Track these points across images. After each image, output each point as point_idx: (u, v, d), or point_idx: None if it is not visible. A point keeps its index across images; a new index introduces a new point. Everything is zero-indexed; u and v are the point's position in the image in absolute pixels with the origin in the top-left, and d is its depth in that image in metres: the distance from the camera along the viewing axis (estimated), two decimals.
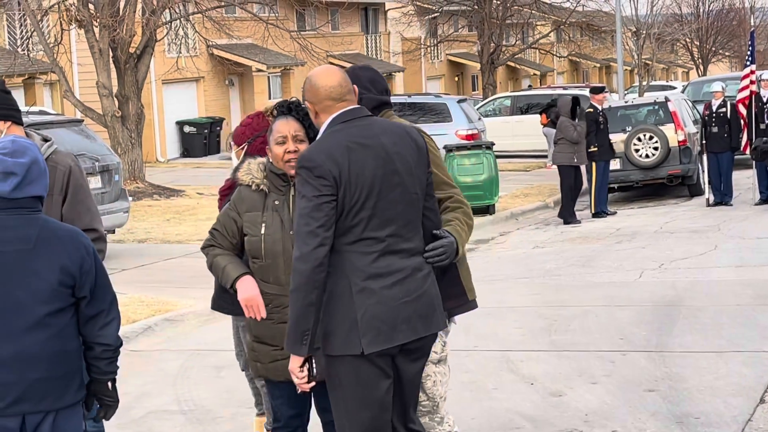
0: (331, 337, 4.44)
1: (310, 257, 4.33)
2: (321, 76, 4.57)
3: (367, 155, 4.44)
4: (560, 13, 45.24)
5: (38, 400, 4.23)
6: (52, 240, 4.24)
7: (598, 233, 16.33)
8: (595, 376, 7.95)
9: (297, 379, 4.48)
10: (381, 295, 4.42)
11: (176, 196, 22.67)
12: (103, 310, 4.33)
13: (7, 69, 25.34)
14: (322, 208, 4.35)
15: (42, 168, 4.32)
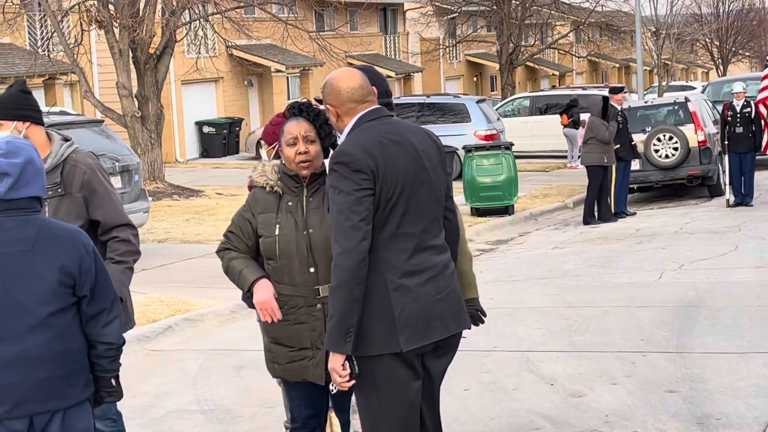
0: (369, 336, 4.39)
1: (354, 252, 4.30)
2: (342, 78, 4.57)
3: (399, 151, 4.46)
4: (579, 13, 45.17)
5: (44, 400, 4.23)
6: (50, 240, 4.24)
7: (617, 234, 16.29)
8: (615, 376, 7.92)
9: (339, 378, 4.41)
10: (416, 293, 4.42)
11: (195, 196, 22.72)
12: (104, 308, 4.34)
13: (28, 69, 25.42)
14: (362, 202, 4.34)
15: (37, 168, 4.31)
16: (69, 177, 5.48)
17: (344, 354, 4.37)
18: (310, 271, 5.00)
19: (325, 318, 4.99)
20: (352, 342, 4.35)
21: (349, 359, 4.39)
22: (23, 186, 4.25)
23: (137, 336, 9.77)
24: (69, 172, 5.49)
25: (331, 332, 4.37)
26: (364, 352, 4.40)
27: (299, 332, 5.06)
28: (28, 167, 4.26)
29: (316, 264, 5.00)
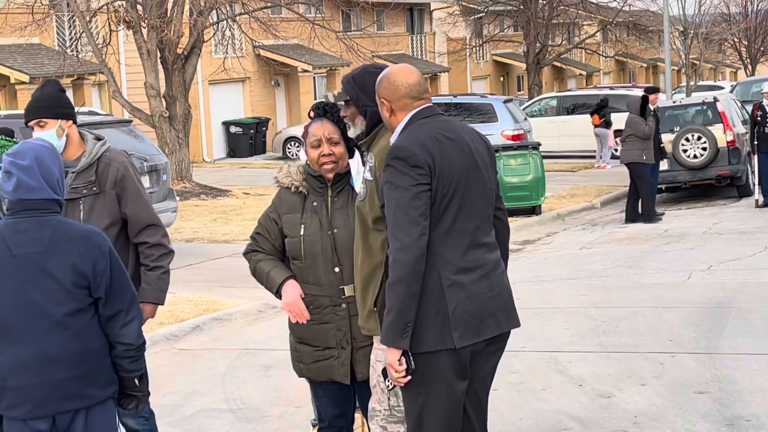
0: (422, 333, 4.37)
1: (414, 247, 4.30)
2: (401, 74, 4.58)
3: (454, 148, 4.47)
4: (607, 13, 45.00)
5: (64, 400, 4.27)
6: (64, 241, 4.26)
7: (645, 234, 16.22)
8: (644, 377, 7.90)
9: (395, 373, 4.39)
10: (470, 290, 4.42)
11: (223, 196, 22.78)
12: (121, 310, 4.35)
13: (57, 70, 25.55)
14: (420, 197, 4.34)
15: (50, 169, 4.31)
16: (103, 175, 5.55)
17: (401, 349, 4.35)
18: (335, 270, 5.01)
19: (350, 317, 5.01)
20: (409, 337, 4.34)
21: (405, 355, 4.37)
22: (35, 188, 4.27)
23: (166, 335, 9.82)
24: (103, 171, 5.56)
25: (389, 327, 4.34)
26: (417, 349, 4.39)
27: (324, 332, 5.08)
28: (36, 168, 4.28)
29: (341, 264, 5.02)
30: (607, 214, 19.79)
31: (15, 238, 4.26)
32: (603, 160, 28.02)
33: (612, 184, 23.38)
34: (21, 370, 4.25)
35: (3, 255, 4.26)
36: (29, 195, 4.27)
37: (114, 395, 4.44)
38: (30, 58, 27.94)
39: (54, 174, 4.33)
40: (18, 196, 4.28)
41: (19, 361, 4.25)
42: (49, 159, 4.32)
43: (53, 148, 4.41)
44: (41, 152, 4.33)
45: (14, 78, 27.08)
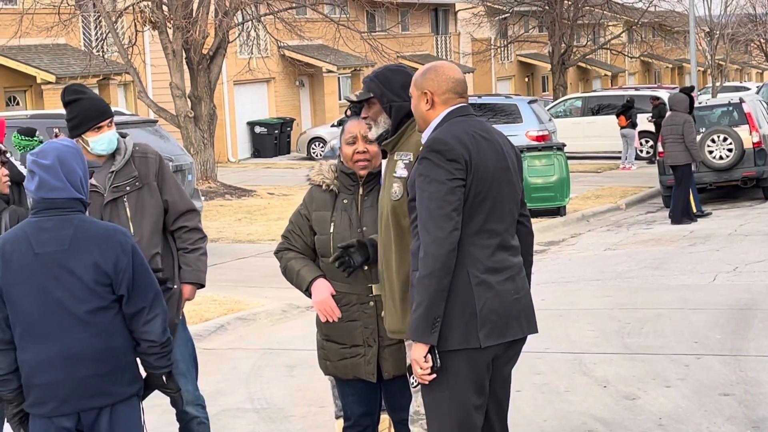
0: (449, 330, 4.34)
1: (446, 241, 4.27)
2: (449, 68, 4.60)
3: (489, 148, 4.46)
4: (632, 14, 44.89)
5: (88, 396, 4.30)
6: (85, 239, 4.30)
7: (671, 236, 16.16)
8: (669, 379, 7.87)
9: (420, 369, 4.35)
10: (497, 290, 4.40)
11: (247, 196, 22.84)
12: (144, 307, 4.36)
13: (83, 70, 25.68)
14: (455, 192, 4.32)
15: (73, 169, 4.34)
16: (142, 168, 5.62)
17: (428, 344, 4.31)
18: (363, 268, 5.01)
19: (377, 315, 5.01)
20: (437, 332, 4.30)
21: (432, 351, 4.33)
22: (58, 187, 4.31)
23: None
24: (141, 164, 5.63)
25: (418, 321, 4.30)
26: (442, 347, 4.35)
27: (352, 329, 5.08)
28: (59, 168, 4.31)
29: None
30: (632, 215, 19.72)
31: (38, 236, 4.30)
32: (628, 161, 27.92)
33: (637, 185, 23.31)
34: (46, 367, 4.29)
35: (26, 254, 4.29)
36: (51, 194, 4.31)
37: (139, 392, 4.46)
38: (56, 59, 28.09)
39: (77, 173, 4.36)
40: (41, 195, 4.32)
41: (44, 358, 4.29)
42: (72, 159, 4.36)
43: (77, 149, 4.45)
44: (64, 152, 4.36)
45: (41, 78, 27.22)
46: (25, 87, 28.36)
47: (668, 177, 18.75)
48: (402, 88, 4.77)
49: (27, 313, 4.30)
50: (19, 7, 24.46)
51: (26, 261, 4.29)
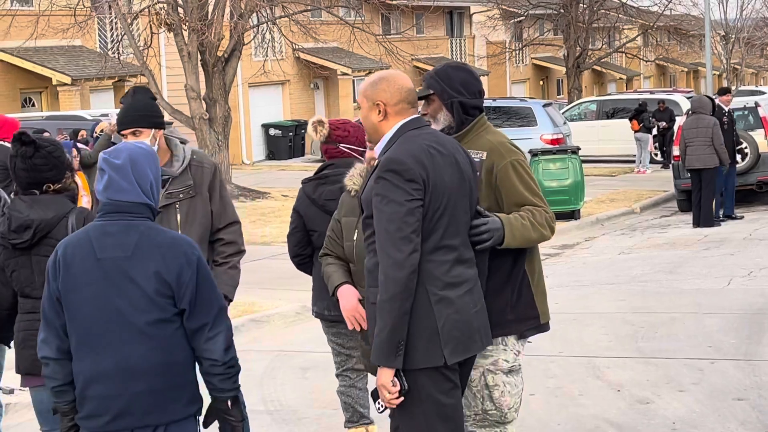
0: (412, 350, 4.29)
1: (406, 264, 4.21)
2: (401, 78, 4.51)
3: (444, 162, 4.39)
4: (647, 17, 44.76)
5: (143, 414, 4.10)
6: (150, 247, 4.10)
7: (685, 240, 16.12)
8: (682, 384, 7.85)
9: (388, 394, 4.29)
10: (458, 305, 4.35)
11: (262, 198, 22.87)
12: (206, 323, 4.13)
13: (98, 71, 25.77)
14: (414, 213, 4.25)
15: (143, 173, 4.16)
16: (197, 177, 5.66)
17: (394, 368, 4.27)
18: None
19: None
20: (402, 355, 4.25)
21: (398, 375, 4.29)
22: (126, 189, 4.12)
23: None
24: (196, 173, 5.66)
25: (381, 346, 4.25)
26: (409, 366, 4.29)
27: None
28: (129, 169, 4.13)
29: None
30: (647, 218, 19.68)
31: (101, 241, 4.11)
32: (643, 165, 27.88)
33: (652, 188, 23.26)
34: (101, 379, 4.09)
35: (88, 258, 4.11)
36: (118, 196, 4.13)
37: (197, 414, 4.22)
38: (72, 60, 28.18)
39: (147, 177, 4.17)
40: (108, 196, 4.14)
41: (100, 370, 4.10)
42: (144, 161, 4.17)
43: (151, 153, 4.24)
44: (137, 153, 4.17)
45: (56, 79, 27.31)
46: (41, 88, 28.46)
47: (683, 181, 18.69)
48: (462, 84, 4.76)
49: (85, 320, 4.11)
50: (35, 9, 24.55)
51: (87, 266, 4.10)
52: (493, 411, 4.75)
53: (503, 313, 4.72)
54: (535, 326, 4.85)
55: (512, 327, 4.76)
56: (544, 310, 4.87)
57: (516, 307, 4.75)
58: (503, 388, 4.76)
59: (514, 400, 4.79)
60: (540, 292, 4.85)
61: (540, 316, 4.84)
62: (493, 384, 4.75)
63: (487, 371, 4.74)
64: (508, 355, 4.78)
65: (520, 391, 4.84)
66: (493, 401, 4.75)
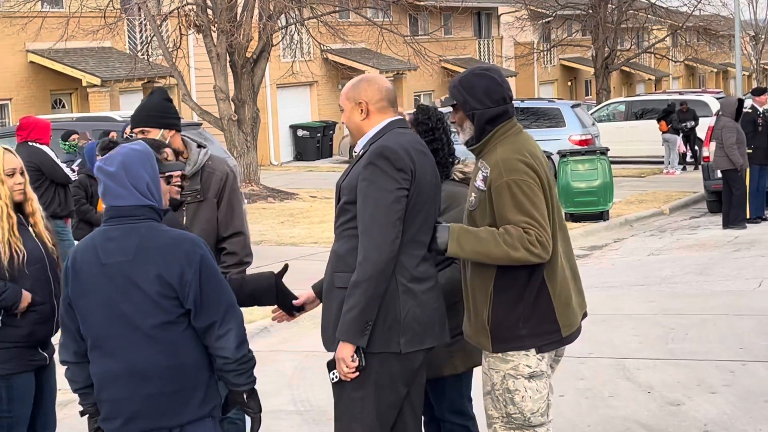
0: (371, 333, 4.45)
1: (388, 248, 4.38)
2: (379, 78, 4.74)
3: (426, 162, 4.57)
4: (677, 17, 44.60)
5: (154, 416, 4.12)
6: (150, 249, 4.10)
7: (715, 241, 16.04)
8: (714, 385, 7.82)
9: (346, 368, 4.45)
10: (421, 299, 4.52)
11: (290, 199, 22.91)
12: (214, 321, 4.13)
13: (128, 73, 25.89)
14: (400, 201, 4.41)
15: (135, 175, 4.16)
16: (206, 183, 5.67)
17: (356, 345, 4.43)
18: None
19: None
20: (368, 336, 4.41)
21: (358, 351, 4.45)
22: (122, 194, 4.14)
23: None
24: (207, 179, 5.68)
25: (349, 323, 4.41)
26: (367, 348, 4.47)
27: None
28: (123, 174, 4.14)
29: None
30: (676, 220, 19.59)
31: (105, 246, 4.14)
32: (671, 166, 27.76)
33: (681, 190, 23.16)
34: (112, 382, 4.14)
35: (94, 264, 4.14)
36: (117, 202, 4.15)
37: (213, 413, 4.24)
38: (101, 62, 28.33)
39: (143, 179, 4.17)
40: (107, 203, 4.18)
41: (110, 373, 4.14)
42: (139, 164, 4.17)
43: (146, 153, 4.23)
44: (130, 157, 4.18)
45: (86, 81, 27.46)
46: (71, 90, 28.63)
47: (713, 182, 18.59)
48: (485, 94, 4.69)
49: (94, 325, 4.15)
50: (65, 11, 24.70)
51: (94, 272, 4.14)
52: (517, 415, 4.73)
53: (515, 328, 4.64)
54: (556, 340, 4.70)
55: (525, 341, 4.65)
56: (567, 323, 4.70)
57: (529, 322, 4.63)
58: (524, 393, 4.71)
59: (537, 405, 4.73)
60: (563, 303, 4.68)
61: (561, 330, 4.69)
62: (514, 389, 4.70)
63: (508, 375, 4.69)
64: (530, 360, 4.71)
65: (544, 396, 4.76)
66: (515, 405, 4.72)
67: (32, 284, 5.14)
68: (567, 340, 4.77)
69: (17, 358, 5.17)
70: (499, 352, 4.67)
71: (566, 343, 4.78)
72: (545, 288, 4.64)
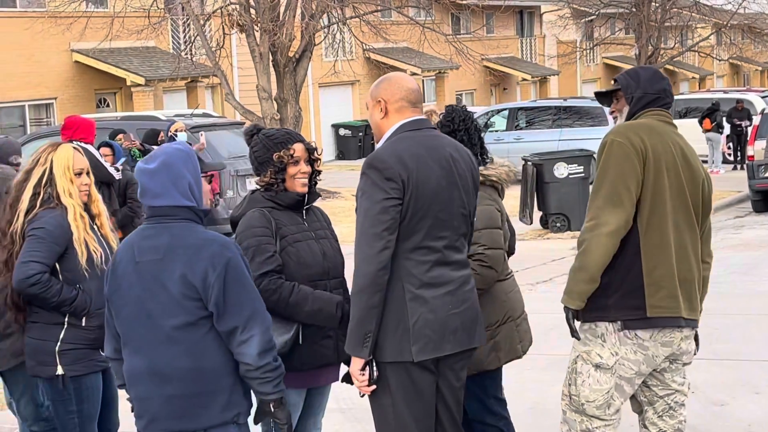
0: (383, 343, 4.42)
1: (375, 260, 4.31)
2: (402, 78, 4.66)
3: (434, 164, 4.46)
4: (721, 16, 44.22)
5: (174, 419, 4.11)
6: (178, 249, 4.07)
7: (760, 241, 15.91)
8: (758, 386, 7.76)
9: (358, 382, 4.46)
10: (432, 305, 4.43)
11: (332, 197, 22.97)
12: (236, 326, 4.06)
13: (171, 72, 26.05)
14: (388, 212, 4.34)
15: (176, 174, 4.13)
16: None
17: (362, 359, 4.40)
18: None
19: None
20: (369, 347, 4.37)
21: (369, 364, 4.42)
22: (160, 194, 4.11)
23: None
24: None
25: (350, 336, 4.41)
26: (380, 358, 4.43)
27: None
28: (164, 173, 4.12)
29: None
30: (720, 219, 19.43)
31: (140, 245, 4.14)
32: (716, 165, 27.55)
33: (725, 189, 22.97)
34: (137, 381, 4.15)
35: (129, 262, 4.15)
36: (154, 202, 4.13)
37: (237, 420, 4.18)
38: (145, 61, 28.52)
39: (185, 178, 4.13)
40: (145, 203, 4.17)
41: (136, 371, 4.15)
42: (180, 163, 4.14)
43: (188, 153, 4.21)
44: (172, 156, 4.15)
45: (130, 80, 27.66)
46: (115, 89, 28.84)
47: (758, 181, 18.46)
48: (648, 81, 4.84)
49: (124, 322, 4.17)
50: (109, 11, 24.88)
51: (128, 269, 4.14)
52: (576, 398, 4.82)
53: (603, 297, 4.70)
54: (640, 318, 4.69)
55: (610, 313, 4.70)
56: (655, 304, 4.68)
57: (618, 292, 4.68)
58: (586, 378, 4.79)
59: (594, 396, 4.78)
60: (653, 283, 4.68)
61: (647, 309, 4.68)
62: (579, 371, 4.82)
63: (579, 357, 4.82)
64: (604, 351, 4.76)
65: (604, 391, 4.78)
66: (576, 387, 4.82)
67: (99, 285, 5.13)
68: (655, 323, 4.71)
69: (86, 359, 5.23)
70: (585, 321, 4.75)
71: (654, 325, 4.71)
72: (639, 262, 4.68)
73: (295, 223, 4.95)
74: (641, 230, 4.68)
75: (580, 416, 4.85)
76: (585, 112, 26.61)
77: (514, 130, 26.86)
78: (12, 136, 9.98)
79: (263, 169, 4.98)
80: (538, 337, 9.54)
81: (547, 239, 16.97)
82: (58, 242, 5.14)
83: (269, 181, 4.94)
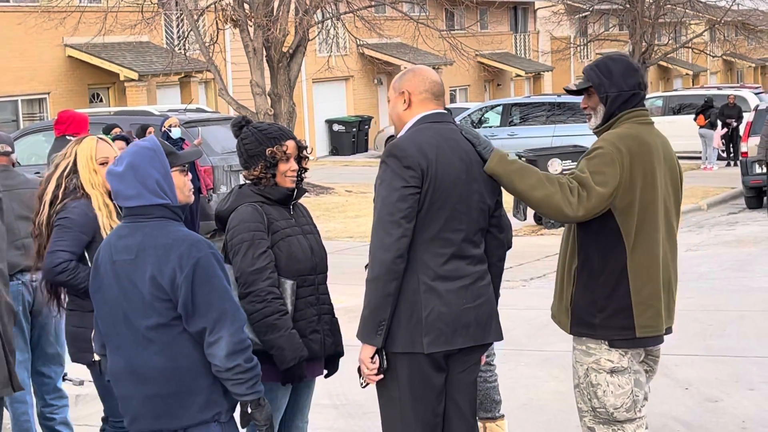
0: (395, 333, 4.39)
1: (392, 247, 4.28)
2: (427, 70, 4.64)
3: (454, 157, 4.43)
4: (715, 12, 44.27)
5: (154, 417, 4.11)
6: (149, 250, 4.03)
7: (754, 237, 15.92)
8: (752, 382, 7.76)
9: (367, 370, 4.43)
10: (446, 298, 4.40)
11: (325, 193, 22.95)
12: (204, 327, 4.01)
13: (165, 67, 26.01)
14: (407, 200, 4.32)
15: (143, 174, 4.06)
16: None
17: (374, 346, 4.38)
18: None
19: None
20: (383, 336, 4.35)
21: (379, 353, 4.40)
22: (132, 195, 4.08)
23: None
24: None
25: (363, 324, 4.38)
26: (391, 348, 4.41)
27: None
28: (131, 175, 4.08)
29: None
30: (714, 215, 19.46)
31: (116, 244, 4.13)
32: (709, 162, 27.57)
33: (719, 185, 23.00)
34: (118, 380, 4.16)
35: (108, 261, 4.14)
36: (127, 203, 4.10)
37: (218, 419, 4.12)
38: (139, 56, 28.48)
39: (152, 177, 4.08)
40: (119, 204, 4.18)
41: (116, 370, 4.16)
42: (147, 162, 4.09)
43: (155, 150, 4.13)
44: (138, 156, 4.10)
45: (123, 75, 27.62)
46: (109, 84, 28.80)
47: (752, 177, 18.48)
48: (622, 77, 4.67)
49: (104, 321, 4.17)
50: (103, 6, 24.83)
51: (107, 268, 4.13)
52: (601, 409, 4.70)
53: (590, 314, 4.61)
54: (628, 338, 4.60)
55: (597, 331, 4.61)
56: (643, 324, 4.59)
57: (604, 311, 4.58)
58: (606, 387, 4.67)
59: (620, 401, 4.67)
60: (641, 302, 4.58)
61: (636, 329, 4.59)
62: (596, 383, 4.68)
63: (590, 369, 4.67)
64: (612, 355, 4.65)
65: (628, 392, 4.68)
66: (598, 399, 4.69)
67: None
68: (643, 343, 4.67)
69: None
70: (575, 334, 4.67)
71: (639, 345, 4.67)
72: (625, 281, 4.57)
73: (285, 218, 4.94)
74: (628, 248, 4.55)
75: (612, 426, 4.72)
76: (578, 108, 26.54)
77: (508, 126, 26.86)
78: (5, 131, 9.94)
79: (253, 163, 4.92)
80: (531, 333, 9.57)
81: (540, 235, 16.98)
82: (84, 231, 5.25)
83: (258, 176, 4.90)
